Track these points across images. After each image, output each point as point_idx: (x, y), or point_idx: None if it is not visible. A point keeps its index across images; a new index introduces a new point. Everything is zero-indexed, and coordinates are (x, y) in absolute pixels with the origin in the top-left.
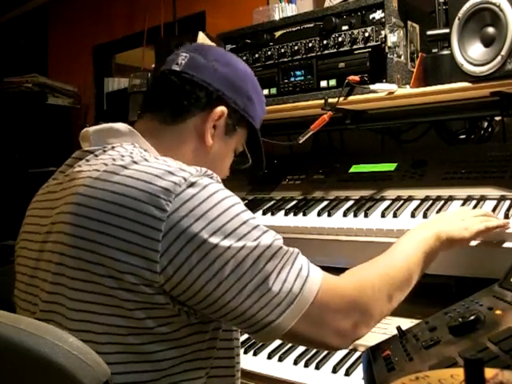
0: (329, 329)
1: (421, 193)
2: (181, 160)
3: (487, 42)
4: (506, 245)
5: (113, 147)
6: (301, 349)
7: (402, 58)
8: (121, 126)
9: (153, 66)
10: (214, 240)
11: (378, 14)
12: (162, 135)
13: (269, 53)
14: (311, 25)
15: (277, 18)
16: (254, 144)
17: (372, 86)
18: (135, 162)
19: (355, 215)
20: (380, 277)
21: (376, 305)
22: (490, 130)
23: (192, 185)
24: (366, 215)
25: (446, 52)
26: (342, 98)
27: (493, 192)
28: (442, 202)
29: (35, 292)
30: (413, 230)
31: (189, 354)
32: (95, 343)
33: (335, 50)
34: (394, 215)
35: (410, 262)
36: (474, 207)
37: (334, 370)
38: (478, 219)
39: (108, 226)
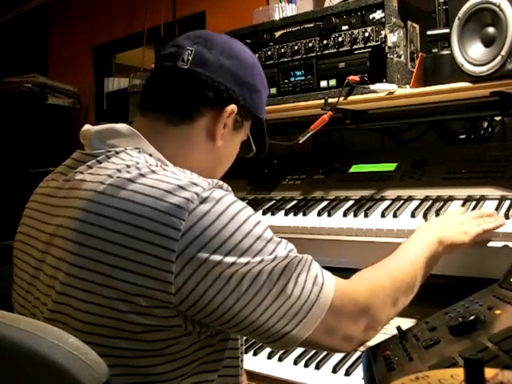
0: (341, 334)
1: (421, 193)
2: (188, 162)
3: (487, 42)
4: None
5: (116, 152)
6: (301, 349)
7: (402, 57)
8: (122, 127)
9: (153, 65)
10: (229, 259)
11: (378, 14)
12: (168, 137)
13: (269, 53)
14: (311, 25)
15: (277, 18)
16: (257, 131)
17: (372, 86)
18: (142, 175)
19: (355, 215)
20: (389, 281)
21: (385, 309)
22: (490, 130)
23: (205, 200)
24: (366, 215)
25: (446, 52)
26: (341, 98)
27: (493, 192)
28: (442, 202)
29: (34, 302)
30: (416, 234)
31: (196, 368)
32: None
33: (335, 50)
34: (394, 215)
35: (416, 265)
36: (474, 207)
37: (334, 370)
38: (475, 222)
39: (116, 246)
